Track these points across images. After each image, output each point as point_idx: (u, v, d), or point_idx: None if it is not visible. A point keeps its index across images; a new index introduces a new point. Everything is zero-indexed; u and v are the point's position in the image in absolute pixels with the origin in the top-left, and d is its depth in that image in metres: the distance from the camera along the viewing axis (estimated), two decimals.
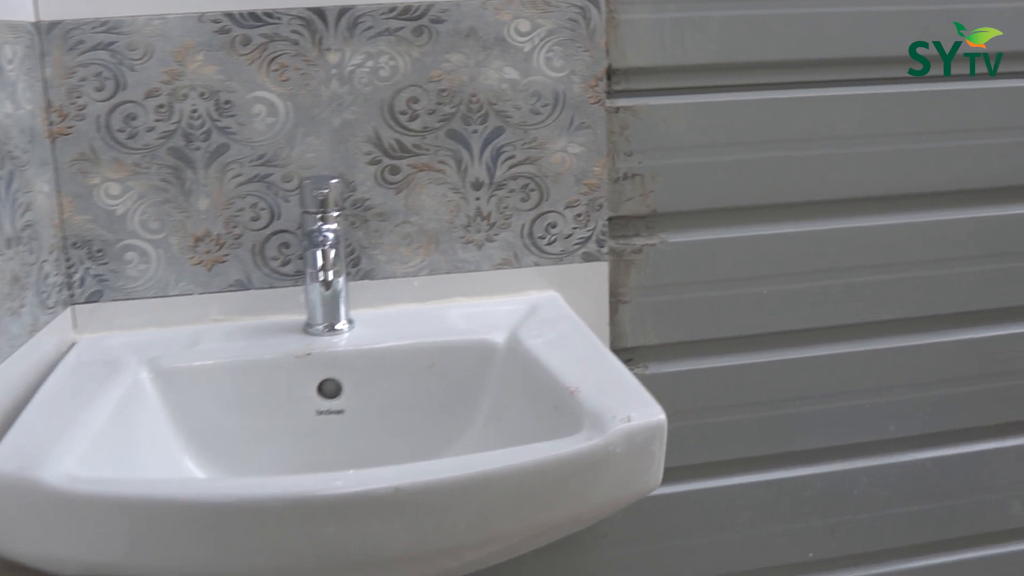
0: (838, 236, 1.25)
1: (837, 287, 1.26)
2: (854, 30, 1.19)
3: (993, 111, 1.26)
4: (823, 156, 1.22)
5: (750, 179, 1.20)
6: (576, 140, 1.13)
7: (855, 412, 1.31)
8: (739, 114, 1.19)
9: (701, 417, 1.26)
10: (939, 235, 1.28)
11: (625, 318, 1.21)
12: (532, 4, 1.09)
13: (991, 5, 1.23)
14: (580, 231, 1.16)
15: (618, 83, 1.16)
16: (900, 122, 1.23)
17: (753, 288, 1.24)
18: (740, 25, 1.16)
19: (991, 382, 1.36)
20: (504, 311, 1.10)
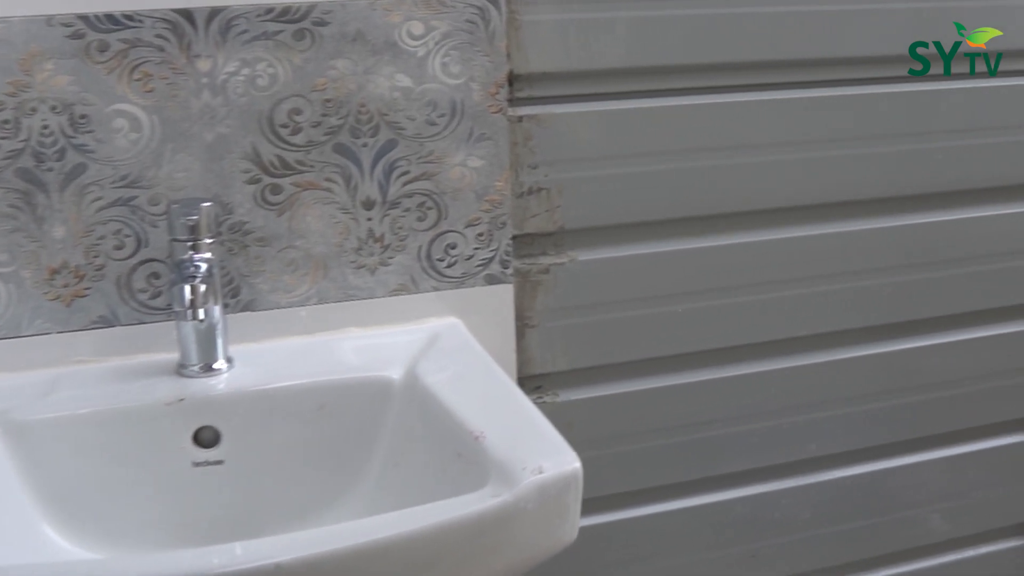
0: (755, 249, 1.19)
1: (754, 303, 1.21)
2: (771, 31, 1.14)
3: (914, 116, 1.22)
4: (740, 165, 1.16)
5: (663, 191, 1.14)
6: (476, 153, 1.05)
7: (775, 432, 1.26)
8: (651, 121, 1.12)
9: (616, 445, 1.20)
10: (856, 246, 1.24)
11: (533, 343, 1.14)
12: (426, 4, 1.01)
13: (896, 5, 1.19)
14: (482, 252, 1.08)
15: (521, 90, 1.08)
16: (818, 128, 1.18)
17: (668, 307, 1.18)
18: (650, 26, 1.10)
19: (910, 395, 1.33)
20: (401, 342, 1.02)
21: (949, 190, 1.27)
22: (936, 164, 1.24)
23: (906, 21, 1.18)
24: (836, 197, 1.22)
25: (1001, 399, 1.38)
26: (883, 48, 1.19)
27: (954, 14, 1.19)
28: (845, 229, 1.23)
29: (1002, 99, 1.26)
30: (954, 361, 1.33)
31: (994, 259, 1.31)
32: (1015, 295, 1.34)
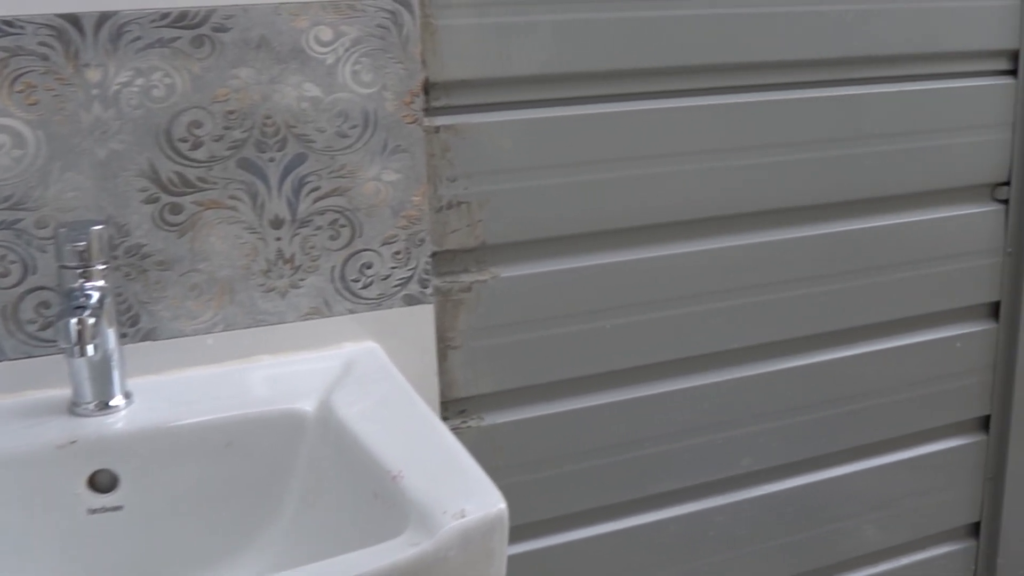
0: (682, 262, 1.16)
1: (683, 316, 1.17)
2: (697, 35, 1.10)
3: (841, 121, 1.20)
4: (667, 174, 1.12)
5: (589, 203, 1.10)
6: (391, 166, 1.00)
7: (708, 448, 1.23)
8: (575, 130, 1.08)
9: (546, 468, 1.15)
10: (785, 255, 1.21)
11: (456, 365, 1.09)
12: (334, 8, 0.95)
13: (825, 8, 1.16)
14: (400, 271, 1.02)
15: (437, 98, 1.03)
16: (745, 134, 1.15)
17: (595, 323, 1.13)
18: (573, 30, 1.05)
19: (842, 405, 1.31)
20: (315, 370, 0.96)
21: (876, 196, 1.25)
22: (864, 170, 1.22)
23: (831, 24, 1.16)
24: (764, 205, 1.19)
25: (930, 405, 1.36)
26: (810, 52, 1.16)
27: (883, 16, 1.17)
28: (774, 238, 1.20)
29: (930, 102, 1.24)
30: (884, 369, 1.31)
31: (921, 265, 1.30)
32: (942, 300, 1.33)
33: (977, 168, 1.30)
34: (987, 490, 1.45)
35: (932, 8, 1.21)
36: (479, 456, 1.10)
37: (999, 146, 1.31)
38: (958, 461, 1.42)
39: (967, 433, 1.42)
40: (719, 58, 1.12)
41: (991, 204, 1.33)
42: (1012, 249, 1.34)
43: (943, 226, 1.30)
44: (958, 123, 1.27)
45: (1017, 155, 1.31)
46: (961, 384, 1.38)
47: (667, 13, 1.08)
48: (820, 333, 1.26)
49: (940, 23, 1.22)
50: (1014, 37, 1.28)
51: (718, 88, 1.13)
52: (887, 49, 1.20)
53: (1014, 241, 1.34)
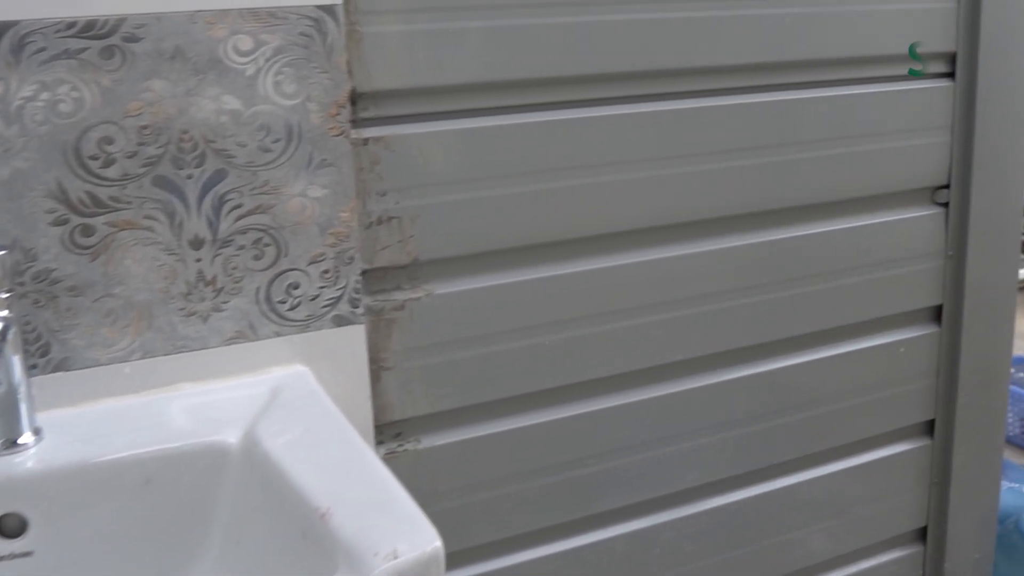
0: (622, 273, 1.13)
1: (624, 330, 1.14)
2: (634, 40, 1.07)
3: (779, 127, 1.18)
4: (604, 184, 1.09)
5: (525, 215, 1.06)
6: (317, 181, 0.95)
7: (653, 464, 1.20)
8: (509, 140, 1.04)
9: (486, 490, 1.11)
10: (726, 264, 1.19)
11: (390, 387, 1.04)
12: (254, 16, 0.90)
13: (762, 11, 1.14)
14: (329, 290, 0.98)
15: (365, 109, 0.98)
16: (683, 142, 1.13)
17: (535, 339, 1.10)
18: (506, 37, 1.02)
19: (787, 415, 1.28)
20: (240, 398, 0.91)
21: (816, 202, 1.23)
22: (803, 175, 1.20)
23: (769, 28, 1.13)
24: (703, 214, 1.16)
25: (876, 412, 1.35)
26: (747, 56, 1.14)
27: (820, 20, 1.15)
28: (713, 247, 1.18)
29: (868, 106, 1.23)
30: (828, 377, 1.30)
31: (863, 270, 1.28)
32: (885, 306, 1.31)
33: (917, 172, 1.29)
34: (933, 495, 1.44)
35: (869, 11, 1.20)
36: (416, 480, 1.07)
37: (938, 149, 1.29)
38: (904, 466, 1.41)
39: (913, 438, 1.41)
40: (654, 64, 1.09)
41: (931, 208, 1.32)
42: (953, 252, 1.33)
43: (884, 231, 1.28)
44: (897, 127, 1.25)
45: (956, 158, 1.30)
46: (906, 389, 1.36)
47: (602, 18, 1.05)
48: (763, 343, 1.24)
49: (877, 26, 1.21)
50: (951, 39, 1.27)
51: (653, 95, 1.10)
52: (825, 53, 1.18)
53: (955, 244, 1.33)
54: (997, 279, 1.36)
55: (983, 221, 1.32)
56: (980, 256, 1.33)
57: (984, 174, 1.31)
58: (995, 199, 1.33)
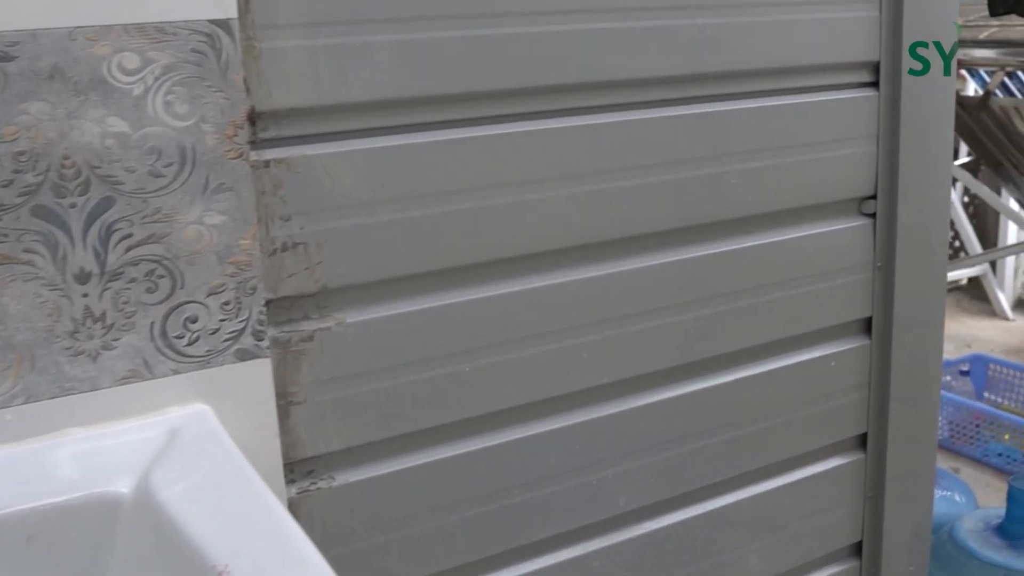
0: (544, 295, 1.08)
1: (548, 353, 1.10)
2: (551, 53, 1.03)
3: (703, 139, 1.14)
4: (522, 203, 1.04)
5: (440, 237, 1.01)
6: (215, 207, 0.89)
7: (581, 491, 1.16)
8: (422, 159, 0.99)
9: (407, 527, 1.06)
10: (652, 283, 1.15)
11: (300, 423, 0.98)
12: (140, 32, 0.84)
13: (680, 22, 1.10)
14: (230, 323, 0.92)
15: (266, 129, 0.93)
16: (605, 157, 1.08)
17: (455, 366, 1.05)
18: (416, 51, 0.96)
19: (719, 434, 1.25)
20: (134, 443, 0.85)
21: (741, 216, 1.19)
22: (728, 189, 1.17)
23: (689, 39, 1.10)
24: (625, 232, 1.12)
25: (808, 427, 1.32)
26: (667, 68, 1.10)
27: (742, 30, 1.12)
28: (637, 266, 1.13)
29: (792, 117, 1.20)
30: (759, 394, 1.26)
31: (791, 284, 1.25)
32: (814, 320, 1.28)
33: (843, 183, 1.27)
34: (867, 508, 1.42)
35: (792, 21, 1.17)
36: (331, 520, 1.01)
37: (864, 159, 1.27)
38: (838, 481, 1.38)
39: (846, 452, 1.38)
40: (571, 77, 1.05)
41: (858, 219, 1.30)
42: (881, 263, 1.31)
43: (811, 243, 1.25)
44: (822, 137, 1.23)
45: (882, 168, 1.28)
46: (838, 403, 1.34)
47: (516, 31, 1.00)
48: (691, 362, 1.20)
49: (800, 36, 1.18)
50: (875, 49, 1.25)
51: (571, 109, 1.06)
52: (747, 64, 1.15)
53: (883, 255, 1.31)
54: (926, 288, 1.34)
55: (910, 231, 1.30)
56: (908, 266, 1.31)
57: (910, 183, 1.29)
58: (922, 208, 1.31)
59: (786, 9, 1.16)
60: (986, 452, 3.09)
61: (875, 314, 1.33)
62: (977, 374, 3.48)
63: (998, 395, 3.48)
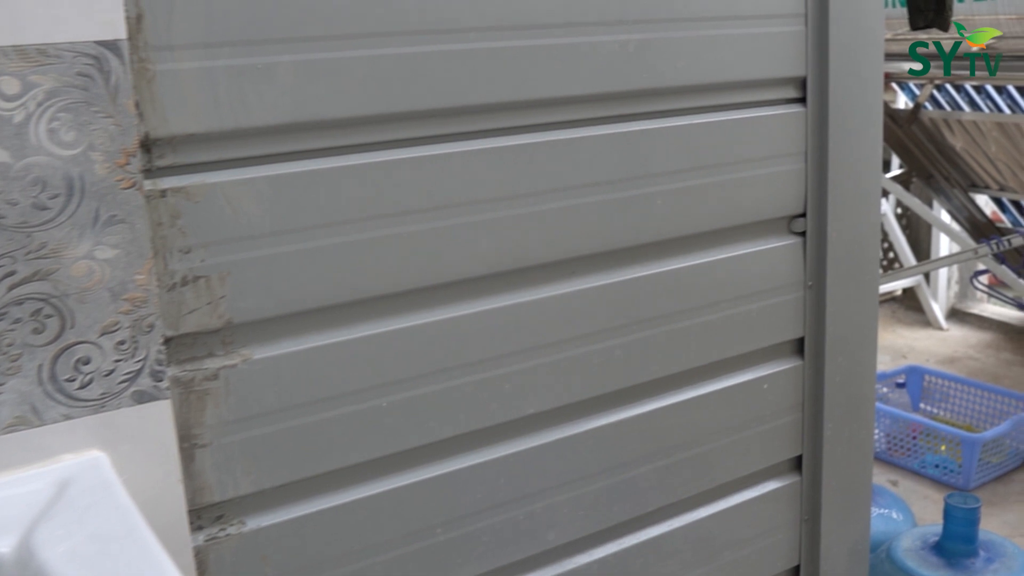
0: (465, 324, 1.04)
1: (471, 385, 1.05)
2: (463, 72, 0.99)
3: (619, 160, 1.11)
4: (440, 229, 1.00)
5: (350, 267, 0.96)
6: (107, 240, 0.84)
7: (509, 526, 1.11)
8: (329, 185, 0.94)
9: (323, 573, 1.00)
10: (578, 309, 1.11)
11: (206, 466, 0.93)
12: (20, 55, 0.79)
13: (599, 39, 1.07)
14: (126, 364, 0.86)
15: (162, 157, 0.87)
16: (526, 179, 1.05)
17: (369, 401, 1.00)
18: (322, 72, 0.92)
19: (650, 462, 1.21)
20: (18, 497, 0.79)
21: (669, 237, 1.17)
22: (655, 210, 1.14)
23: (609, 56, 1.07)
24: (549, 256, 1.08)
25: (742, 451, 1.29)
26: (588, 86, 1.07)
27: (664, 46, 1.10)
28: (562, 291, 1.10)
29: (719, 135, 1.17)
30: (691, 420, 1.23)
31: (721, 306, 1.22)
32: (746, 342, 1.26)
33: (772, 201, 1.24)
34: (804, 531, 1.39)
35: (717, 37, 1.14)
36: (243, 567, 0.96)
37: (793, 177, 1.25)
38: (774, 505, 1.35)
39: (781, 475, 1.35)
40: (487, 97, 1.01)
41: (789, 237, 1.27)
42: (812, 282, 1.29)
43: (741, 264, 1.23)
44: (750, 155, 1.20)
45: (811, 185, 1.26)
46: (772, 426, 1.31)
47: (429, 49, 0.96)
48: (620, 389, 1.16)
49: (726, 52, 1.15)
50: (801, 64, 1.23)
51: (488, 130, 1.02)
52: (671, 81, 1.12)
53: (814, 274, 1.29)
54: (858, 306, 1.32)
55: (841, 248, 1.28)
56: (840, 284, 1.29)
57: (840, 200, 1.27)
58: (852, 225, 1.29)
59: (711, 25, 1.14)
60: (923, 464, 3.10)
61: (807, 334, 1.31)
62: (913, 385, 3.50)
63: (934, 406, 3.51)
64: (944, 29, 2.28)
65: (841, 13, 1.23)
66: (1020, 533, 2.72)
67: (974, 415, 3.38)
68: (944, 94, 3.79)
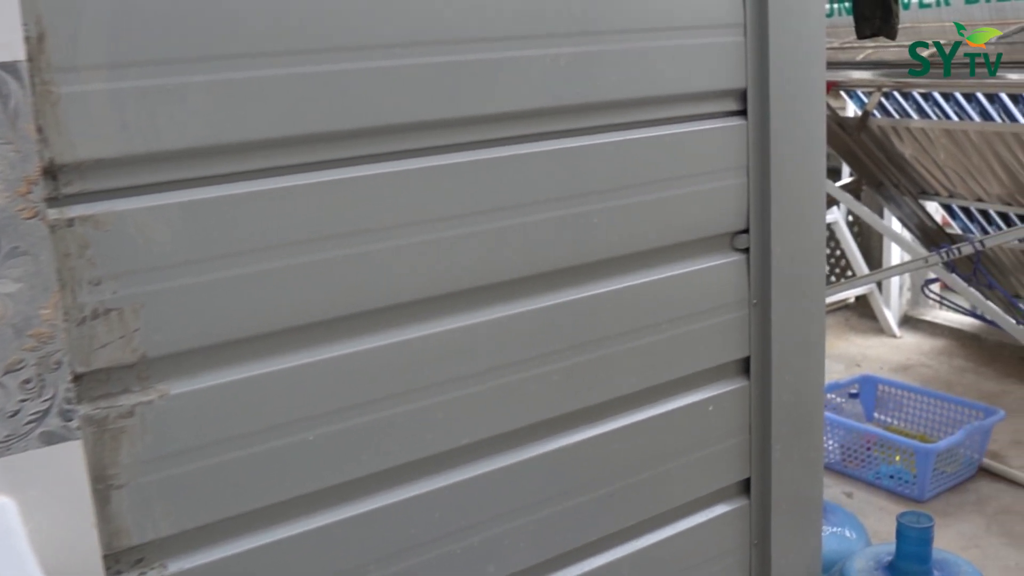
0: (393, 353, 1.01)
1: (402, 415, 1.03)
2: (388, 89, 0.96)
3: (554, 178, 1.09)
4: (364, 254, 0.98)
5: (272, 295, 0.93)
6: (8, 274, 0.80)
7: (446, 561, 1.08)
8: (246, 211, 0.91)
9: None
10: (510, 334, 1.09)
11: (123, 508, 0.89)
12: None
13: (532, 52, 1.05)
14: (32, 403, 0.82)
15: (69, 184, 0.84)
16: (456, 200, 1.02)
17: (295, 436, 0.97)
18: (235, 93, 0.89)
19: (593, 490, 1.19)
20: None
21: (608, 257, 1.15)
22: (592, 229, 1.12)
23: (541, 70, 1.05)
24: (481, 280, 1.06)
25: (688, 476, 1.27)
26: (520, 102, 1.05)
27: (599, 59, 1.08)
28: (496, 316, 1.08)
29: (658, 150, 1.16)
30: (635, 445, 1.21)
31: (664, 327, 1.21)
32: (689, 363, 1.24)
33: (713, 217, 1.23)
34: (754, 556, 1.38)
35: (653, 48, 1.13)
36: None
37: (735, 192, 1.24)
38: (723, 530, 1.34)
39: (729, 499, 1.34)
40: (412, 116, 0.98)
41: (732, 254, 1.26)
42: (757, 300, 1.28)
43: (683, 283, 1.21)
44: (689, 170, 1.19)
45: (754, 200, 1.25)
46: (718, 448, 1.29)
47: (346, 67, 0.93)
48: (559, 416, 1.14)
49: (662, 64, 1.14)
50: (741, 75, 1.21)
51: (413, 151, 1.00)
52: (605, 95, 1.10)
53: (758, 291, 1.27)
54: (804, 323, 1.31)
55: (786, 264, 1.27)
56: (785, 301, 1.28)
57: (783, 215, 1.26)
58: (796, 240, 1.28)
59: (646, 36, 1.12)
60: (878, 475, 3.11)
61: (753, 353, 1.29)
62: (866, 395, 3.52)
63: (888, 415, 3.53)
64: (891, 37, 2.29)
65: (781, 22, 1.21)
66: (975, 544, 2.73)
67: (928, 424, 3.40)
68: (892, 102, 3.83)
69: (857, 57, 3.25)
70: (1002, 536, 2.79)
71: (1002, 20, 2.49)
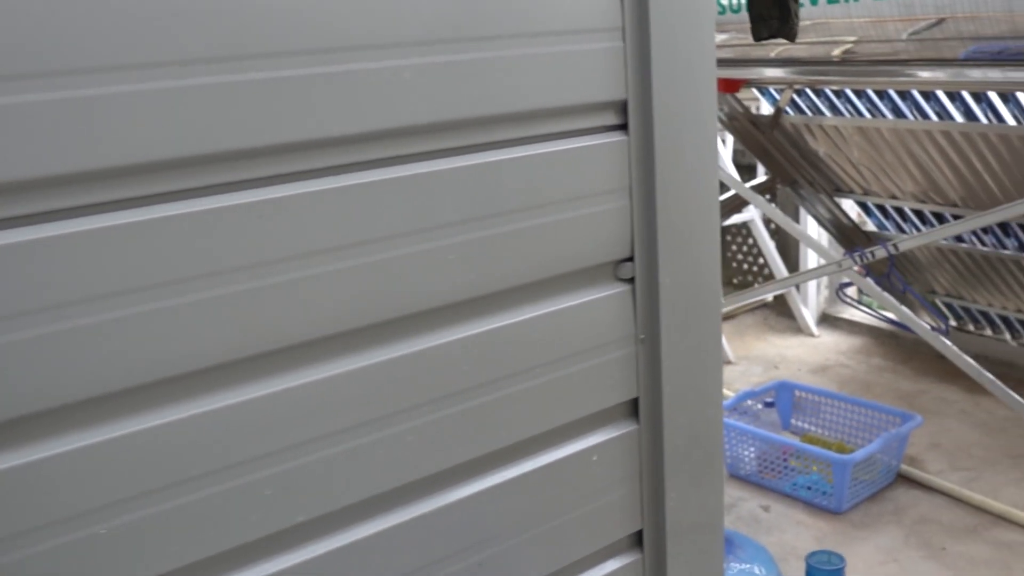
0: (204, 422, 0.85)
1: (218, 496, 0.87)
2: (208, 113, 0.81)
3: (403, 209, 0.95)
4: (163, 310, 0.83)
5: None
6: None
7: None
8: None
9: None
10: (356, 389, 0.94)
11: None
12: None
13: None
14: None
15: None
16: (292, 238, 0.87)
17: (91, 528, 0.81)
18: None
19: (468, 556, 1.05)
20: None
21: (471, 296, 1.00)
22: (450, 265, 0.98)
23: (383, 86, 0.90)
24: (319, 331, 0.91)
25: (572, 534, 1.14)
26: (360, 124, 0.90)
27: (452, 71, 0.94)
28: (338, 371, 0.92)
29: (527, 172, 1.02)
30: (509, 506, 1.07)
31: (539, 371, 1.06)
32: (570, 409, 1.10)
33: (593, 245, 1.09)
34: None
35: (515, 58, 0.98)
36: None
37: (616, 216, 1.10)
38: None
39: (620, 554, 1.21)
40: (233, 143, 0.83)
41: (615, 285, 1.13)
42: (645, 335, 1.15)
43: (559, 320, 1.07)
44: (563, 194, 1.05)
45: (638, 224, 1.12)
46: (606, 501, 1.16)
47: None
48: (419, 479, 1.00)
49: (527, 76, 1.00)
50: (620, 85, 1.08)
51: (240, 182, 0.84)
52: (460, 112, 0.96)
53: (646, 325, 1.14)
54: (699, 359, 1.18)
55: (676, 294, 1.14)
56: (676, 336, 1.15)
57: (671, 240, 1.13)
58: (687, 267, 1.15)
59: (506, 44, 0.98)
60: (795, 486, 3.04)
61: (642, 394, 1.16)
62: (783, 402, 3.45)
63: (805, 422, 3.46)
64: (791, 39, 2.19)
65: (664, 24, 1.08)
66: (892, 559, 2.66)
67: (846, 430, 3.34)
68: (805, 99, 3.76)
69: (771, 54, 3.16)
70: (920, 548, 2.73)
71: (910, 16, 2.41)
